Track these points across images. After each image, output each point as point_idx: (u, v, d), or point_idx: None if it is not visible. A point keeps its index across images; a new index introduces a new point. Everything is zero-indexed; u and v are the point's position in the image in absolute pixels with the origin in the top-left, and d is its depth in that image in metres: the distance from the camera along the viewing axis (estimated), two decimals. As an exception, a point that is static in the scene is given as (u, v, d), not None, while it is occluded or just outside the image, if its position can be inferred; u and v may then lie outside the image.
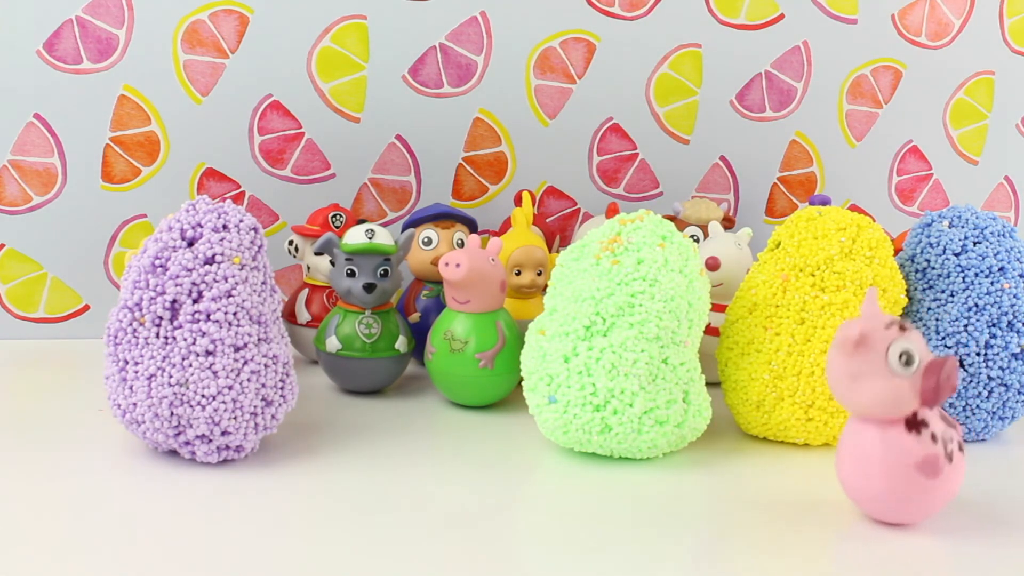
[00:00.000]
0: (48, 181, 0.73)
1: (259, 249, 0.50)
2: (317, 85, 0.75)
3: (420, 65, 0.76)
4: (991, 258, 0.55)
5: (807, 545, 0.42)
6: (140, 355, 0.48)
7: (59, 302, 0.75)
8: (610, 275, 0.51)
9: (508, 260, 0.64)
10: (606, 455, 0.52)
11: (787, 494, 0.48)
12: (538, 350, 0.52)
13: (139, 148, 0.74)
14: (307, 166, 0.76)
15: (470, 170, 0.79)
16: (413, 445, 0.54)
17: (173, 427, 0.47)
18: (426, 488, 0.48)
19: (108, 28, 0.72)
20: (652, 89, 0.80)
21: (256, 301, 0.49)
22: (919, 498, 0.43)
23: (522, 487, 0.49)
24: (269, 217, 0.76)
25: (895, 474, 0.42)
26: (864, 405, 0.42)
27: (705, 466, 0.52)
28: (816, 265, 0.53)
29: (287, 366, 0.50)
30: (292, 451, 0.52)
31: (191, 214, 0.49)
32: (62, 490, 0.46)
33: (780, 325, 0.53)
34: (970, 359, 0.55)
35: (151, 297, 0.47)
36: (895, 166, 0.85)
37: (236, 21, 0.73)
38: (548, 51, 0.78)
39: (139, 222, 0.75)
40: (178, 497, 0.45)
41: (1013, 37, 0.84)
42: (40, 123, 0.72)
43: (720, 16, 0.80)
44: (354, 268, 0.60)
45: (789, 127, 0.83)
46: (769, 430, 0.55)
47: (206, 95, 0.74)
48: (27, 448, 0.51)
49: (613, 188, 0.81)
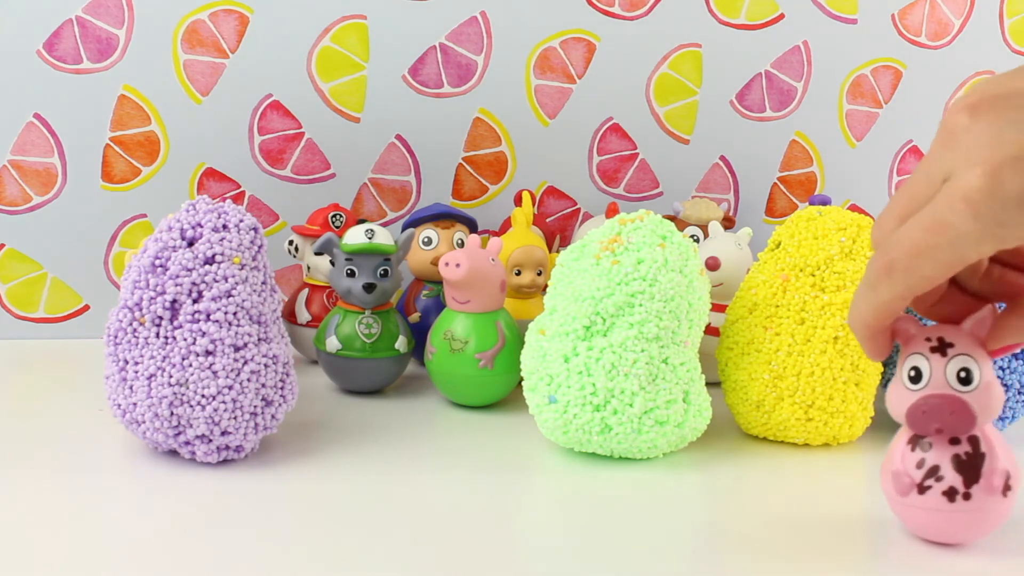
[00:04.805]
0: (48, 181, 0.73)
1: (259, 249, 0.50)
2: (317, 85, 0.75)
3: (420, 65, 0.76)
4: (991, 258, 0.55)
5: (807, 545, 0.42)
6: (140, 355, 0.48)
7: (59, 302, 0.75)
8: (610, 275, 0.51)
9: (508, 260, 0.64)
10: (606, 455, 0.52)
11: (787, 494, 0.48)
12: (538, 350, 0.52)
13: (139, 148, 0.74)
14: (307, 166, 0.76)
15: (470, 170, 0.79)
16: (413, 445, 0.54)
17: (173, 427, 0.47)
18: (426, 488, 0.48)
19: (108, 28, 0.72)
20: (652, 89, 0.80)
21: (256, 301, 0.49)
22: (896, 508, 0.42)
23: (522, 487, 0.49)
24: (269, 217, 0.76)
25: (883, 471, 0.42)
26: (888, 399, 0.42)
27: (705, 466, 0.52)
28: (816, 265, 0.53)
29: (287, 366, 0.50)
30: (292, 451, 0.52)
31: (191, 214, 0.49)
32: (62, 490, 0.46)
33: (780, 325, 0.53)
34: (970, 359, 0.55)
35: (151, 297, 0.47)
36: (895, 166, 0.85)
37: (236, 21, 0.73)
38: (548, 51, 0.78)
39: (139, 222, 0.75)
40: (178, 497, 0.45)
41: (1013, 37, 0.85)
42: (40, 123, 0.72)
43: (720, 16, 0.80)
44: (354, 268, 0.60)
45: (789, 127, 0.83)
46: (769, 430, 0.55)
47: (206, 95, 0.74)
48: (27, 448, 0.51)
49: (613, 188, 0.81)
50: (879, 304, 0.37)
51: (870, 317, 0.38)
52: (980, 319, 0.40)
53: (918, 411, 0.40)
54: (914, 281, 0.35)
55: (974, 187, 0.33)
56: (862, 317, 0.38)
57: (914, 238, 0.35)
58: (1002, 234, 0.33)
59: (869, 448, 0.56)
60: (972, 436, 0.40)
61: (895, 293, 0.36)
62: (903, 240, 0.35)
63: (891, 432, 0.59)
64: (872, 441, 0.57)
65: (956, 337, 0.40)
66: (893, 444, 0.42)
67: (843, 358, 0.53)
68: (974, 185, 0.33)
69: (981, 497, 0.40)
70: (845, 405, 0.53)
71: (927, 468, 0.40)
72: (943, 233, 0.34)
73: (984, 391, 0.39)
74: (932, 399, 0.39)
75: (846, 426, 0.54)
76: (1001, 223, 0.33)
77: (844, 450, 0.55)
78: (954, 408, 0.39)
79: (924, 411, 0.40)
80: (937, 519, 0.41)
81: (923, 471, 0.40)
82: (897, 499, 0.42)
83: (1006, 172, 0.32)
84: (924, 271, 0.35)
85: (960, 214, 0.33)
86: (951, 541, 0.42)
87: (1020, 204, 0.32)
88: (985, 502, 0.40)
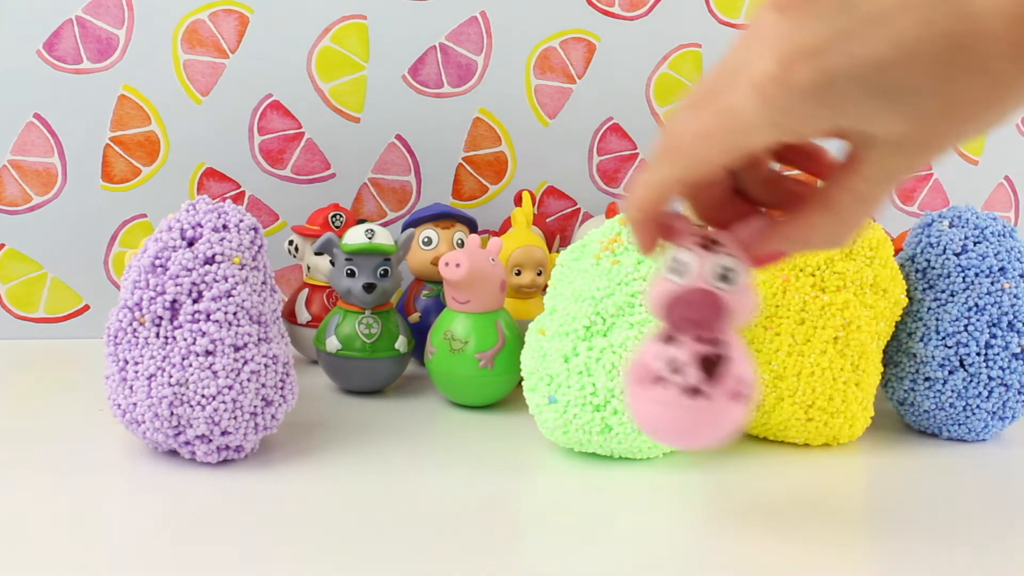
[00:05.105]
0: (48, 181, 0.73)
1: (259, 249, 0.50)
2: (317, 85, 0.75)
3: (420, 65, 0.76)
4: (991, 258, 0.55)
5: (807, 545, 0.42)
6: (140, 355, 0.48)
7: (59, 302, 0.75)
8: (610, 275, 0.51)
9: (508, 260, 0.64)
10: (606, 455, 0.52)
11: (787, 494, 0.48)
12: (538, 350, 0.52)
13: (139, 148, 0.74)
14: (307, 166, 0.76)
15: (470, 170, 0.79)
16: (413, 445, 0.54)
17: (173, 427, 0.47)
18: (426, 488, 0.48)
19: (108, 28, 0.72)
20: (652, 89, 0.80)
21: (256, 301, 0.49)
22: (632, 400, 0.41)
23: (522, 487, 0.49)
24: (269, 217, 0.76)
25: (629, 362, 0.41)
26: None
27: (705, 466, 0.52)
28: (816, 265, 0.53)
29: (287, 366, 0.50)
30: (292, 451, 0.52)
31: (191, 214, 0.49)
32: (62, 490, 0.46)
33: (780, 325, 0.53)
34: (970, 359, 0.55)
35: (151, 297, 0.47)
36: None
37: (236, 21, 0.73)
38: (548, 51, 0.78)
39: (139, 222, 0.75)
40: (178, 497, 0.45)
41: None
42: (40, 123, 0.72)
43: (720, 16, 0.80)
44: (354, 268, 0.60)
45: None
46: (769, 430, 0.55)
47: (206, 95, 0.74)
48: (27, 448, 0.51)
49: (613, 188, 0.81)
50: (654, 183, 0.37)
51: (644, 196, 0.37)
52: (751, 225, 0.40)
53: (675, 299, 0.39)
54: (693, 163, 0.35)
55: (765, 73, 0.33)
56: (636, 198, 0.38)
57: (701, 120, 0.35)
58: (785, 123, 0.33)
59: (869, 448, 0.56)
60: (719, 339, 0.40)
61: (673, 174, 0.36)
62: (689, 123, 0.35)
63: (891, 432, 0.59)
64: (872, 441, 0.57)
65: (724, 238, 0.40)
66: (645, 337, 0.42)
67: (843, 358, 0.53)
68: (766, 71, 0.33)
69: (717, 399, 0.39)
70: (845, 405, 0.53)
71: (671, 363, 0.40)
72: (728, 117, 0.34)
73: (741, 293, 0.40)
74: (692, 291, 0.39)
75: (846, 426, 0.54)
76: (786, 112, 0.33)
77: (844, 450, 0.55)
78: (710, 302, 0.39)
79: (681, 300, 0.39)
80: (671, 413, 0.40)
81: (667, 365, 0.40)
82: (635, 390, 0.41)
83: (799, 63, 0.32)
84: (703, 153, 0.35)
85: (747, 99, 0.33)
86: (678, 438, 0.41)
87: (806, 96, 0.32)
88: (720, 404, 0.39)
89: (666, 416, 0.40)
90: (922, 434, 0.58)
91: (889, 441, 0.57)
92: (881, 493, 0.50)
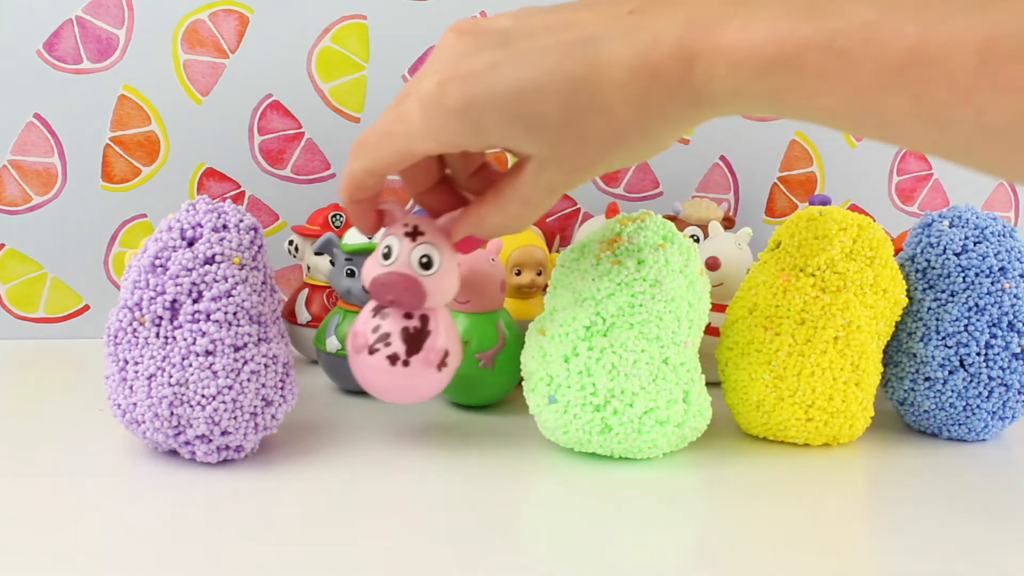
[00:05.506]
0: (48, 181, 0.73)
1: (259, 249, 0.50)
2: (317, 85, 0.75)
3: (420, 65, 0.76)
4: (992, 258, 0.55)
5: (807, 545, 0.42)
6: (140, 355, 0.48)
7: (59, 302, 0.75)
8: (611, 276, 0.51)
9: (508, 260, 0.64)
10: (606, 455, 0.52)
11: (787, 494, 0.48)
12: (538, 350, 0.52)
13: (139, 148, 0.74)
14: (307, 166, 0.76)
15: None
16: (413, 445, 0.54)
17: (173, 427, 0.47)
18: (426, 488, 0.48)
19: (108, 28, 0.72)
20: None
21: (256, 301, 0.49)
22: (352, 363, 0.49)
23: (522, 487, 0.49)
24: (269, 217, 0.76)
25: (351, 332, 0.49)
26: None
27: (705, 466, 0.52)
28: (816, 265, 0.53)
29: (287, 366, 0.50)
30: (292, 451, 0.52)
31: (191, 214, 0.49)
32: (62, 490, 0.46)
33: (780, 325, 0.53)
34: (971, 359, 0.55)
35: (151, 297, 0.47)
36: (895, 166, 0.85)
37: (236, 21, 0.73)
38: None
39: (139, 222, 0.75)
40: (178, 497, 0.45)
41: None
42: (40, 123, 0.72)
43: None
44: (354, 268, 0.60)
45: (789, 127, 0.83)
46: (769, 430, 0.55)
47: (206, 95, 0.74)
48: (27, 448, 0.51)
49: (613, 188, 0.81)
50: (349, 173, 0.43)
51: (343, 184, 0.43)
52: (452, 216, 0.46)
53: (378, 283, 0.46)
54: (373, 160, 0.41)
55: (428, 91, 0.38)
56: (340, 185, 0.44)
57: (384, 124, 0.40)
58: (441, 137, 0.39)
59: (869, 448, 0.56)
60: (423, 315, 0.47)
61: (362, 167, 0.42)
62: (380, 120, 0.41)
63: (891, 432, 0.59)
64: (872, 441, 0.57)
65: (428, 227, 0.46)
66: (364, 309, 0.49)
67: (843, 358, 0.53)
68: (428, 89, 0.38)
69: (418, 367, 0.47)
70: (845, 405, 0.53)
71: (380, 334, 0.47)
72: (400, 124, 0.40)
73: (440, 277, 0.46)
74: (392, 275, 0.46)
75: (846, 426, 0.54)
76: (441, 127, 0.38)
77: (844, 450, 0.55)
78: (408, 286, 0.46)
79: (383, 284, 0.46)
80: (378, 377, 0.47)
81: (376, 335, 0.47)
82: (353, 356, 0.48)
83: (451, 85, 0.37)
84: (381, 153, 0.41)
85: (413, 112, 0.39)
86: (387, 398, 0.49)
87: (454, 114, 0.38)
88: (421, 371, 0.47)
89: (377, 379, 0.48)
90: (922, 434, 0.59)
91: (889, 441, 0.57)
92: (881, 493, 0.50)
